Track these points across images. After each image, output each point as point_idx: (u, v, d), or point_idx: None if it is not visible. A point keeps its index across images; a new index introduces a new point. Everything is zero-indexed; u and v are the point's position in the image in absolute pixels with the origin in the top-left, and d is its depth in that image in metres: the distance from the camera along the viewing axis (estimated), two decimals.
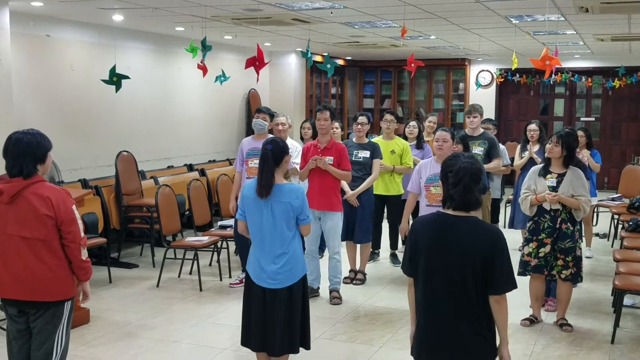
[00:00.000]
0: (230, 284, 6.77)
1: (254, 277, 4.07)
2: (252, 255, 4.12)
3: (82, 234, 3.61)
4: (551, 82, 13.28)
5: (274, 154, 4.04)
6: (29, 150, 3.51)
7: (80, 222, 3.60)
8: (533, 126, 7.60)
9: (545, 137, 7.54)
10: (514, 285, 3.01)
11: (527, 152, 7.54)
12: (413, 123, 7.88)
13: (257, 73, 7.04)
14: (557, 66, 6.78)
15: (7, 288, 3.53)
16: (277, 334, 4.01)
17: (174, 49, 9.66)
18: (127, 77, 6.94)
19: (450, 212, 3.07)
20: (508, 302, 3.04)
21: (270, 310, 4.02)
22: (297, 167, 6.26)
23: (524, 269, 5.47)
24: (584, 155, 7.31)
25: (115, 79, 6.84)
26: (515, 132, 14.00)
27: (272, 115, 6.52)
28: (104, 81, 6.89)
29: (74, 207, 3.58)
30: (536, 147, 7.56)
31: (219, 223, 7.54)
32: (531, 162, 7.26)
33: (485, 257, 2.96)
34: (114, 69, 6.77)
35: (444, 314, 3.02)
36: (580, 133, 7.39)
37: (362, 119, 6.77)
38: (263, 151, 4.07)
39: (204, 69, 7.37)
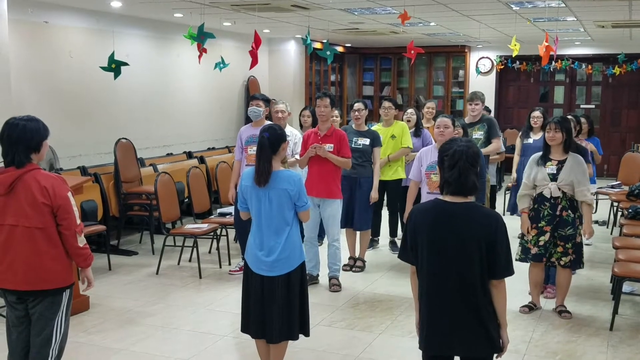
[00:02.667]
0: (229, 271, 6.78)
1: (252, 265, 4.06)
2: (250, 243, 4.11)
3: (79, 221, 3.58)
4: (551, 69, 13.24)
5: (270, 141, 3.99)
6: (22, 138, 3.45)
7: (76, 209, 3.57)
8: (537, 113, 7.59)
9: None
10: (512, 271, 3.02)
11: (529, 139, 7.52)
12: (410, 110, 7.83)
13: (256, 57, 6.99)
14: (557, 53, 6.77)
15: (5, 279, 3.52)
16: (276, 320, 4.00)
17: (172, 35, 9.62)
18: (125, 64, 6.91)
19: (448, 198, 3.06)
20: (507, 289, 3.04)
21: (268, 297, 4.01)
22: (297, 156, 6.24)
23: (525, 255, 5.48)
24: (587, 143, 7.30)
25: (114, 65, 6.81)
26: (515, 120, 13.99)
27: (266, 101, 6.48)
28: (103, 68, 6.85)
29: (69, 194, 3.55)
30: (540, 134, 7.54)
31: (218, 210, 7.53)
32: (531, 148, 7.22)
33: (485, 242, 2.95)
34: (112, 55, 6.73)
35: (447, 302, 3.02)
36: (582, 120, 7.40)
37: (358, 105, 6.72)
38: (260, 139, 4.03)
39: (201, 52, 7.30)
